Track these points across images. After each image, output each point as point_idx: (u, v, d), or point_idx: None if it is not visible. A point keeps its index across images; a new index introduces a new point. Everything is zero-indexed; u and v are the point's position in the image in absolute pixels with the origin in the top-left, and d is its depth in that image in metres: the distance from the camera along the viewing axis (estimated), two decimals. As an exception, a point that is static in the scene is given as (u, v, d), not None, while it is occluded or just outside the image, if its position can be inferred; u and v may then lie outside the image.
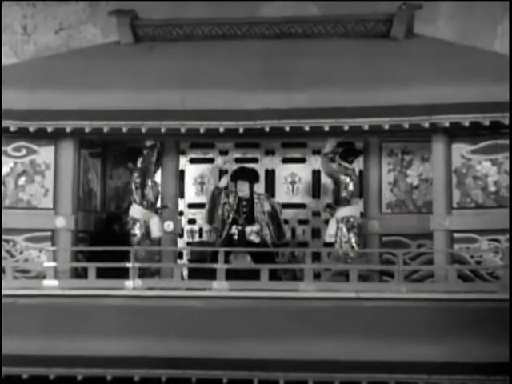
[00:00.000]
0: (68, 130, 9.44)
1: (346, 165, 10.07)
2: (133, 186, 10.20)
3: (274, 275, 9.28)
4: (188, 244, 10.84)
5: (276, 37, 10.76)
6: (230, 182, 10.25)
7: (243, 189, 10.06)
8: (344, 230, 9.86)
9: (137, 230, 10.11)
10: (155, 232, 10.18)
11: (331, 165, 10.07)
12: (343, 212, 9.92)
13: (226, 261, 9.32)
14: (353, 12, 10.98)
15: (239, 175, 10.13)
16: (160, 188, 10.55)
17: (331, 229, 9.95)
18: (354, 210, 9.97)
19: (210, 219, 10.08)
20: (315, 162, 10.70)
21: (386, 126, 9.11)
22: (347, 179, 9.97)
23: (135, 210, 10.15)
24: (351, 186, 9.99)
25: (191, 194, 10.92)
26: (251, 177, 10.15)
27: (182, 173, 10.89)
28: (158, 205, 10.48)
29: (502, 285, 8.75)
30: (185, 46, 10.64)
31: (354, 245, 9.84)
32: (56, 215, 9.84)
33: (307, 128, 9.23)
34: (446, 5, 13.36)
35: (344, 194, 9.94)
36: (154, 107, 9.35)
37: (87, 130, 9.41)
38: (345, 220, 9.89)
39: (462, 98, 9.00)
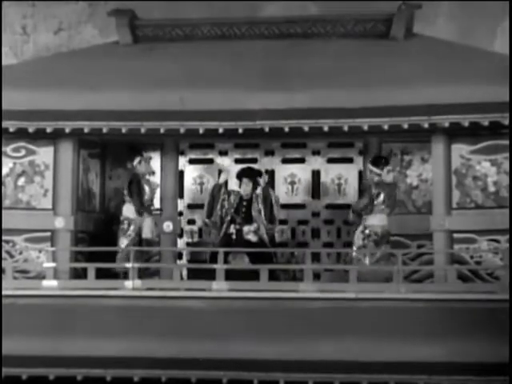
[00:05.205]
0: (67, 130, 9.44)
1: (378, 171, 9.88)
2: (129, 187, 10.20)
3: (272, 275, 9.27)
4: (187, 244, 10.85)
5: (275, 37, 10.77)
6: (236, 179, 10.24)
7: (247, 188, 10.06)
8: (360, 237, 9.74)
9: (131, 230, 10.10)
10: (146, 233, 10.14)
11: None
12: (369, 220, 9.74)
13: (226, 261, 9.31)
14: (352, 12, 10.99)
15: (247, 174, 10.11)
16: (158, 189, 10.62)
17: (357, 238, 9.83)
18: (381, 219, 9.73)
19: (209, 214, 10.08)
20: (315, 163, 10.70)
21: (386, 127, 9.11)
22: (374, 190, 9.78)
23: (128, 210, 10.15)
24: (382, 197, 9.72)
25: (190, 194, 10.92)
26: (257, 177, 10.14)
27: (181, 173, 10.88)
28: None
29: (501, 285, 8.74)
30: (184, 47, 10.65)
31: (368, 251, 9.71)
32: (55, 216, 9.84)
33: (307, 128, 9.23)
34: (445, 5, 13.37)
35: (373, 203, 9.78)
36: (153, 107, 9.35)
37: (86, 131, 9.41)
38: (364, 228, 9.75)
39: (461, 98, 8.99)
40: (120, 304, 8.97)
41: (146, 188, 10.26)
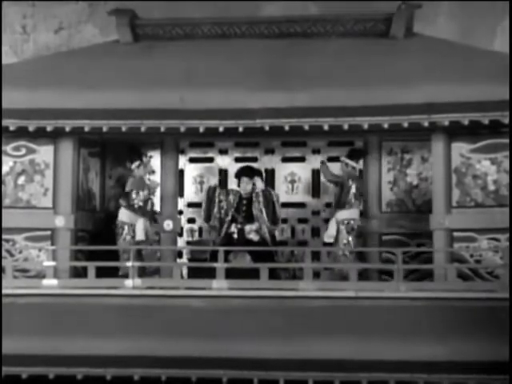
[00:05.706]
0: (67, 129, 9.44)
1: (354, 164, 9.97)
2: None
3: (272, 274, 9.27)
4: (187, 243, 10.85)
5: (275, 36, 10.76)
6: (235, 179, 10.24)
7: (246, 187, 10.06)
8: (344, 232, 9.78)
9: (125, 234, 10.11)
10: (139, 236, 10.12)
11: (331, 171, 10.04)
12: (343, 214, 9.84)
13: (226, 260, 9.31)
14: (352, 11, 10.99)
15: (245, 173, 10.10)
16: (158, 188, 10.64)
17: (331, 230, 9.86)
18: (355, 213, 9.88)
19: (207, 218, 10.08)
20: (315, 161, 10.70)
21: (386, 125, 9.11)
22: (350, 182, 9.85)
23: (123, 214, 10.15)
24: (354, 189, 9.88)
25: (191, 193, 10.93)
26: (256, 177, 10.13)
27: (181, 172, 10.89)
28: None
29: (501, 284, 8.75)
30: (184, 45, 10.65)
31: (352, 247, 9.76)
32: (55, 214, 9.84)
33: (307, 127, 9.23)
34: (445, 4, 13.37)
35: (347, 197, 9.83)
36: (153, 106, 9.34)
37: (87, 129, 9.41)
38: (345, 222, 9.80)
39: (461, 96, 8.99)
40: (120, 303, 8.97)
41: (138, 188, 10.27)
